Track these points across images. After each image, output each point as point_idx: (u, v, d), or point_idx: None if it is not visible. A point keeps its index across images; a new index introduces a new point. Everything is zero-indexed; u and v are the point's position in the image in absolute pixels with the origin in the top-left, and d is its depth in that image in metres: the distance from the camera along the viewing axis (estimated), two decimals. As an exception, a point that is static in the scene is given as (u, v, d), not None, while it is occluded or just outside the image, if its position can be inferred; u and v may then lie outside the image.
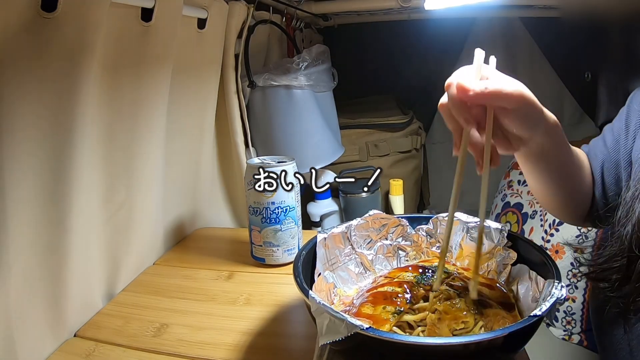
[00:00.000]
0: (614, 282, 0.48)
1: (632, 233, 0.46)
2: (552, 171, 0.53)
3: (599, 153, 0.58)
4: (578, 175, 0.57)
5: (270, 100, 0.98)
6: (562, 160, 0.53)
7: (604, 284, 0.49)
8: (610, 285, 0.48)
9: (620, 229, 0.48)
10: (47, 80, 0.49)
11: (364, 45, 1.79)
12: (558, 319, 1.13)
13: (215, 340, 0.56)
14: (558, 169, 0.53)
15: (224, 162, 1.02)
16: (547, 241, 1.19)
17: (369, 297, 0.47)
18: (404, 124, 1.45)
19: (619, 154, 0.56)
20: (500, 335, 0.37)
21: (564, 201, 0.59)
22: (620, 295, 0.47)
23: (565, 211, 0.61)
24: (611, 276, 0.48)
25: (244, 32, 0.94)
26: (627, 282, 0.46)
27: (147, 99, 0.68)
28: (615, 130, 0.58)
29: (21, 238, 0.49)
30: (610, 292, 0.48)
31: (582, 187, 0.58)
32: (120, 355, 0.53)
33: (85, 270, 0.59)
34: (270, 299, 0.65)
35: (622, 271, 0.47)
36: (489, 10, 1.49)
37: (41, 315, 0.53)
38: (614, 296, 0.48)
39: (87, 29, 0.51)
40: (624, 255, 0.47)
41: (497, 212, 1.41)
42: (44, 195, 0.51)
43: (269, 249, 0.73)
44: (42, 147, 0.50)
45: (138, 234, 0.72)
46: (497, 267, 0.54)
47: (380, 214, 0.59)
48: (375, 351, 0.40)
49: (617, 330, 0.49)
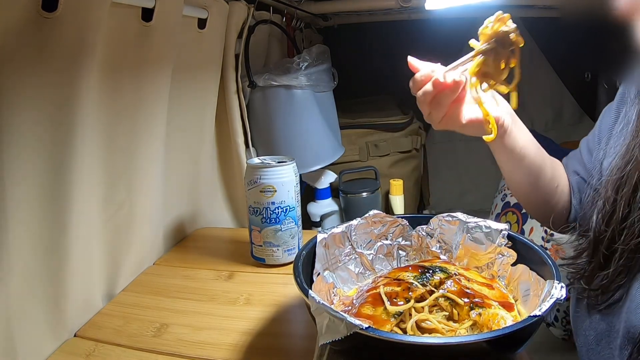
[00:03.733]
0: (583, 272, 0.52)
1: (596, 225, 0.51)
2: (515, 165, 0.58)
3: (576, 164, 0.63)
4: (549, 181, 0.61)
5: (271, 100, 0.98)
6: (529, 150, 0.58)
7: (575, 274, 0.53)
8: (580, 275, 0.52)
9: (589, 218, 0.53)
10: (47, 79, 0.49)
11: (364, 45, 1.79)
12: (558, 319, 1.13)
13: (215, 340, 0.56)
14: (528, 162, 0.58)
15: (224, 162, 1.02)
16: (547, 241, 1.19)
17: (369, 298, 0.47)
18: (404, 124, 1.45)
19: (592, 165, 0.59)
20: (500, 335, 0.37)
21: (532, 202, 0.64)
22: (591, 288, 0.51)
23: (540, 211, 0.65)
24: (580, 265, 0.53)
25: (244, 32, 0.94)
26: (594, 272, 0.50)
27: (147, 99, 0.68)
28: (590, 143, 0.62)
29: (21, 238, 0.49)
30: (583, 283, 0.52)
31: (553, 195, 0.62)
32: (120, 355, 0.53)
33: (85, 270, 0.59)
34: (270, 299, 0.65)
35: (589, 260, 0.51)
36: (489, 10, 1.49)
37: (41, 315, 0.53)
38: (586, 288, 0.51)
39: (87, 29, 0.51)
40: (590, 248, 0.51)
41: (497, 212, 1.41)
42: (44, 196, 0.51)
43: (269, 249, 0.73)
44: (42, 147, 0.50)
45: (138, 234, 0.72)
46: (497, 267, 0.54)
47: (380, 214, 0.59)
48: (374, 351, 0.40)
49: (587, 319, 0.53)
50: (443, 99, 0.49)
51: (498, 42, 0.47)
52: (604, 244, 0.49)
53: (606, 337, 0.49)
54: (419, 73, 0.50)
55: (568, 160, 0.65)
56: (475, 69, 0.48)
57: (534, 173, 0.59)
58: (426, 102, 0.50)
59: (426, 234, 0.60)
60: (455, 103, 0.50)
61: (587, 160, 0.61)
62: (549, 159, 0.61)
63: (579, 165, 0.62)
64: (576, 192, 0.62)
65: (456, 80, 0.48)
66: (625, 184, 0.48)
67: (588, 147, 0.62)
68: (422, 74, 0.50)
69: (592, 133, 0.62)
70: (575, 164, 0.63)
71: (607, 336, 0.49)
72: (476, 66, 0.48)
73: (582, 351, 0.55)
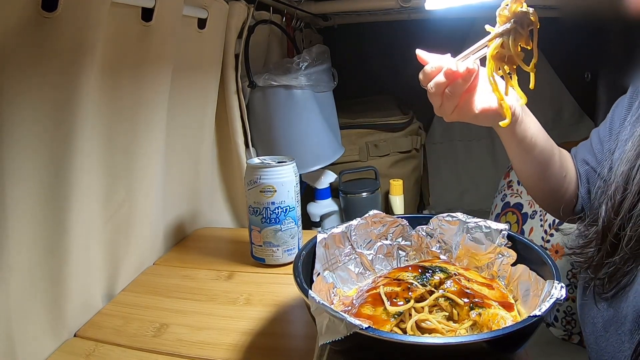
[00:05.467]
0: (590, 261, 0.52)
1: (605, 214, 0.51)
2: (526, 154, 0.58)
3: (586, 154, 0.63)
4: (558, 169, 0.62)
5: (271, 100, 0.98)
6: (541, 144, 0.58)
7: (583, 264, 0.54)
8: (587, 264, 0.53)
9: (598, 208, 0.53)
10: (47, 79, 0.49)
11: (364, 45, 1.79)
12: (558, 319, 1.13)
13: (215, 340, 0.56)
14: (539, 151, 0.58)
15: (224, 162, 1.02)
16: (547, 241, 1.19)
17: (369, 298, 0.47)
18: (404, 124, 1.45)
19: (602, 154, 0.60)
20: (500, 335, 0.37)
21: (542, 191, 0.64)
22: (599, 276, 0.51)
23: (544, 201, 0.66)
24: (588, 254, 0.53)
25: (244, 32, 0.94)
26: (602, 260, 0.51)
27: (147, 99, 0.68)
28: (601, 133, 0.62)
29: (21, 238, 0.49)
30: (590, 273, 0.52)
31: (562, 182, 0.62)
32: (120, 355, 0.53)
33: (85, 270, 0.59)
34: (270, 299, 0.65)
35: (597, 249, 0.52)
36: (489, 10, 1.49)
37: (41, 315, 0.53)
38: (593, 277, 0.52)
39: (87, 29, 0.51)
40: (599, 236, 0.52)
41: (497, 212, 1.41)
42: (44, 195, 0.51)
43: (269, 249, 0.73)
44: (42, 147, 0.50)
45: (138, 234, 0.72)
46: (497, 267, 0.54)
47: (380, 214, 0.59)
48: (374, 351, 0.40)
49: (594, 307, 0.53)
50: (456, 89, 0.49)
51: (517, 22, 0.46)
52: (612, 233, 0.49)
53: (614, 323, 0.50)
54: (428, 65, 0.50)
55: (577, 150, 0.66)
56: (494, 52, 0.48)
57: (543, 162, 0.59)
58: (438, 93, 0.50)
59: (426, 234, 0.60)
60: (467, 93, 0.50)
61: (598, 150, 0.61)
62: (557, 148, 0.62)
63: (589, 154, 0.63)
64: (584, 181, 0.62)
65: (469, 68, 0.47)
66: (636, 174, 0.48)
67: (599, 137, 0.62)
68: (432, 66, 0.50)
69: (604, 123, 0.62)
70: (585, 153, 0.63)
71: (615, 322, 0.50)
72: (495, 49, 0.48)
73: (590, 339, 0.55)
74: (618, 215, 0.49)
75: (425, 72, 0.50)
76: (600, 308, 0.52)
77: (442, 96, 0.50)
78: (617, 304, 0.49)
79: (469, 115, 0.52)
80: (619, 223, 0.49)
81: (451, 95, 0.49)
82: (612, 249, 0.49)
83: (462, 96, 0.50)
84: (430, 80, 0.50)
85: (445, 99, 0.50)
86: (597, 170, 0.60)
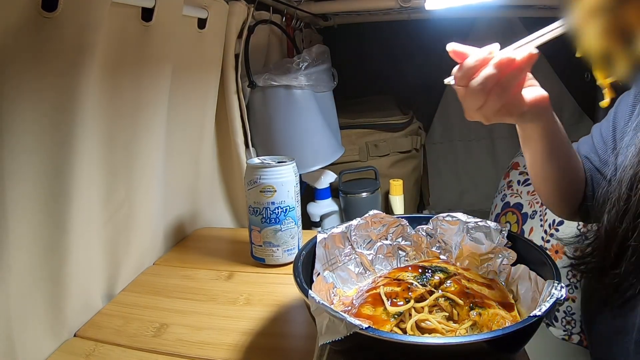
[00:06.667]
0: (595, 270, 0.52)
1: (608, 222, 0.50)
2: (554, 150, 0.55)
3: (588, 151, 0.61)
4: (575, 163, 0.60)
5: (270, 100, 0.98)
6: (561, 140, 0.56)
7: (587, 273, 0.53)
8: (591, 274, 0.52)
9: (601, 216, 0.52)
10: (47, 79, 0.49)
11: (364, 45, 1.79)
12: (558, 319, 1.13)
13: (215, 340, 0.56)
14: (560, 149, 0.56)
15: (224, 162, 1.02)
16: (547, 241, 1.19)
17: (369, 298, 0.47)
18: (404, 124, 1.45)
19: (606, 154, 0.58)
20: (500, 335, 0.37)
21: (560, 189, 0.61)
22: (603, 285, 0.50)
23: (559, 200, 0.64)
24: (592, 264, 0.52)
25: (244, 32, 0.94)
26: (606, 270, 0.49)
27: (147, 99, 0.68)
28: (604, 131, 0.60)
29: (21, 238, 0.49)
30: (594, 282, 0.52)
31: (578, 177, 0.60)
32: (120, 355, 0.53)
33: (85, 270, 0.59)
34: (270, 299, 0.65)
35: (601, 259, 0.51)
36: (489, 10, 1.49)
37: (41, 315, 0.53)
38: (598, 287, 0.51)
39: (87, 29, 0.51)
40: (602, 245, 0.50)
41: (497, 212, 1.41)
42: (44, 195, 0.51)
43: (269, 249, 0.73)
44: (42, 147, 0.50)
45: (138, 234, 0.72)
46: (497, 267, 0.54)
47: (380, 214, 0.59)
48: (374, 351, 0.40)
49: (599, 314, 0.52)
50: (510, 82, 0.42)
51: None
52: (616, 242, 0.48)
53: (621, 331, 0.49)
54: (470, 58, 0.43)
55: (579, 146, 0.63)
56: None
57: (568, 154, 0.57)
58: (485, 90, 0.42)
59: (426, 234, 0.60)
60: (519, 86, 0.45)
61: (601, 149, 0.59)
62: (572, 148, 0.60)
63: (591, 152, 0.61)
64: (589, 181, 0.60)
65: (532, 53, 0.41)
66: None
67: (602, 135, 0.60)
68: (476, 59, 0.42)
69: (607, 120, 0.60)
70: (587, 150, 0.61)
71: (622, 331, 0.49)
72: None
73: (595, 345, 0.54)
74: (622, 224, 0.48)
75: (465, 68, 0.43)
76: (607, 315, 0.51)
77: (489, 93, 0.42)
78: (625, 312, 0.49)
79: (518, 111, 0.45)
80: (622, 232, 0.47)
81: (502, 91, 0.42)
82: (616, 260, 0.48)
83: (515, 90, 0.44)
84: (471, 76, 0.43)
85: (492, 96, 0.42)
86: (602, 171, 0.58)
